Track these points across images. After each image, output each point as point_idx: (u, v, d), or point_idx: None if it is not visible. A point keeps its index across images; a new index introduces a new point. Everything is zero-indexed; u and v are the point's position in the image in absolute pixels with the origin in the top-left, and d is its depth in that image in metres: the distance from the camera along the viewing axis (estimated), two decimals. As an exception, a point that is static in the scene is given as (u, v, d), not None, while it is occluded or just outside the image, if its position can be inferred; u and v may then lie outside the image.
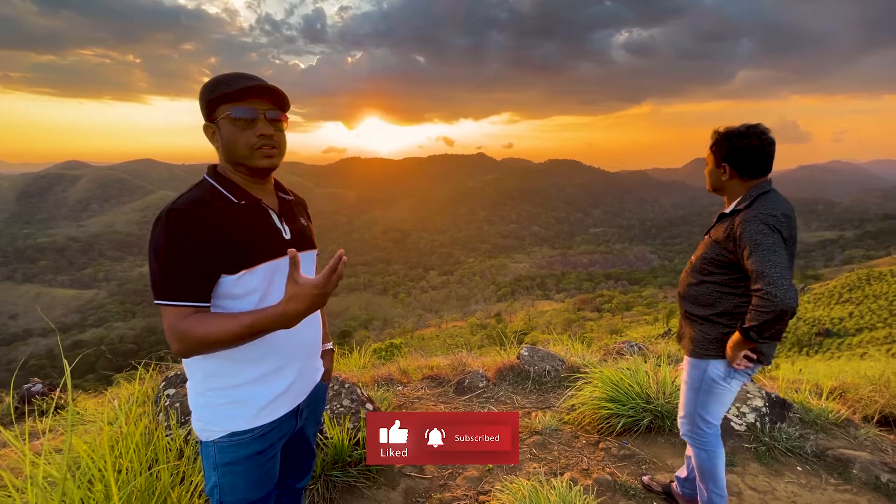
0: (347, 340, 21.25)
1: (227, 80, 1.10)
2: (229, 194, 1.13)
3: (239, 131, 1.09)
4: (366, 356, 4.80)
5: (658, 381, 2.96)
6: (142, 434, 1.68)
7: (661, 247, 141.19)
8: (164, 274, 1.02)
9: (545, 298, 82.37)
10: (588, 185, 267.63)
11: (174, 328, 1.00)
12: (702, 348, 1.73)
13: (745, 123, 1.62)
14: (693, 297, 1.77)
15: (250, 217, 1.14)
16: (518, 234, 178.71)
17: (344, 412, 2.39)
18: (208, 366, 1.14)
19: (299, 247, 1.23)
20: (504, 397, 3.53)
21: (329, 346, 1.53)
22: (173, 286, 1.02)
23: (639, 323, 50.25)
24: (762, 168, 1.62)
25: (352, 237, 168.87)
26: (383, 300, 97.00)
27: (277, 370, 1.19)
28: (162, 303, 1.02)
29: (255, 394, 1.16)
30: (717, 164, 1.70)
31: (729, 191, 1.70)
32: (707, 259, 1.70)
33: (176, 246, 1.01)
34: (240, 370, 1.14)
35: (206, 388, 1.15)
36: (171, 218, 1.03)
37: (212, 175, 1.15)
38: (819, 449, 2.59)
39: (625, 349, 4.87)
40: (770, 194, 1.61)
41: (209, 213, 1.06)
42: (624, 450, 2.62)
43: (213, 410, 1.15)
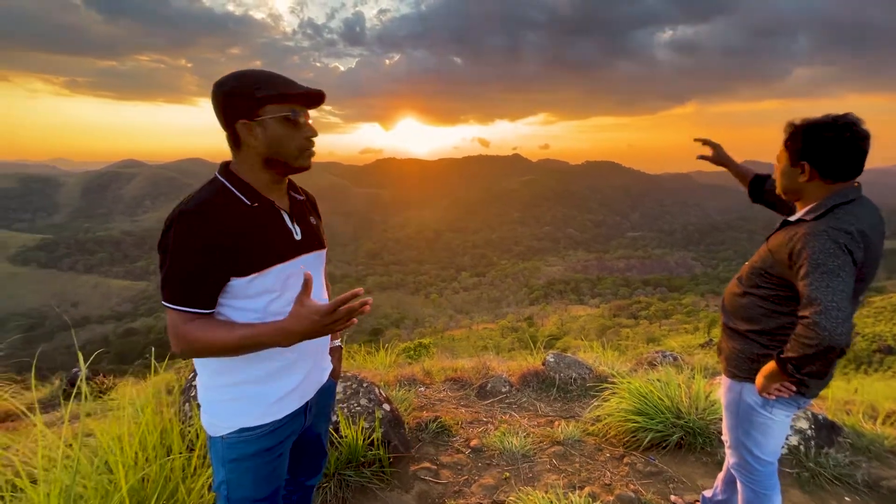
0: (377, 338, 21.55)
1: (274, 79, 1.09)
2: (242, 196, 1.12)
3: (291, 132, 1.11)
4: (392, 355, 4.81)
5: (691, 395, 2.80)
6: (162, 424, 1.72)
7: (703, 253, 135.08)
8: (171, 277, 1.03)
9: (579, 303, 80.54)
10: (627, 187, 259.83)
11: (175, 331, 1.03)
12: (735, 367, 1.56)
13: (830, 114, 1.36)
14: (734, 309, 1.59)
15: (262, 219, 1.13)
16: (552, 237, 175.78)
17: (360, 411, 2.39)
18: (217, 362, 1.15)
19: (308, 247, 1.24)
20: (527, 404, 3.44)
21: (337, 343, 1.52)
22: (178, 291, 1.03)
23: (678, 332, 48.19)
24: (852, 168, 1.34)
25: (386, 236, 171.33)
26: (415, 300, 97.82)
27: (286, 367, 1.19)
28: (165, 304, 1.04)
29: (264, 391, 1.17)
30: (793, 163, 1.42)
31: (806, 195, 1.43)
32: (757, 270, 1.49)
33: (185, 250, 1.02)
34: (248, 367, 1.15)
35: (215, 384, 1.16)
36: (183, 221, 1.03)
37: (225, 174, 1.14)
38: (872, 478, 2.36)
39: (658, 359, 4.66)
40: (852, 205, 1.34)
41: (221, 215, 1.06)
42: (650, 466, 2.49)
43: (222, 406, 1.16)
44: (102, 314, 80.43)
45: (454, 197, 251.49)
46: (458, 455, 2.59)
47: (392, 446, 2.34)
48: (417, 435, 2.76)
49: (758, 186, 1.88)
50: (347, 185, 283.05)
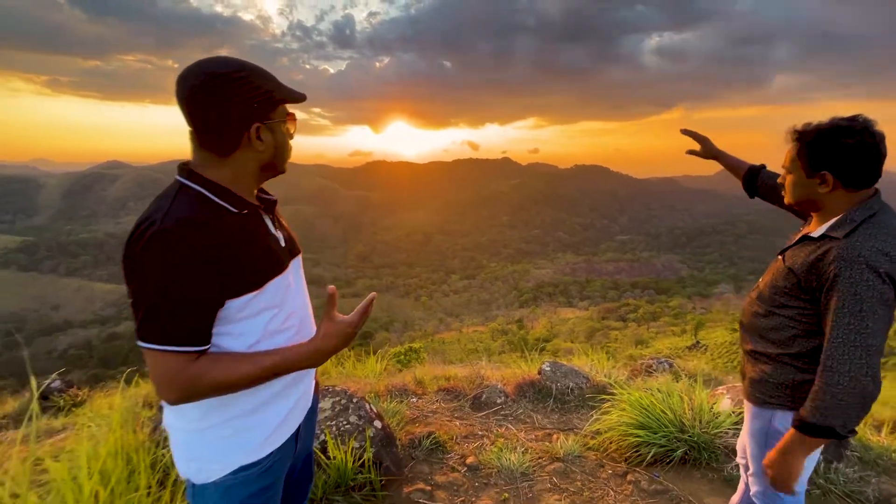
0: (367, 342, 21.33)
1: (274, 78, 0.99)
2: (226, 204, 0.95)
3: (289, 137, 1.05)
4: (382, 362, 4.66)
5: (693, 407, 2.70)
6: (131, 448, 1.56)
7: (690, 256, 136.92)
8: (159, 312, 0.85)
9: (568, 306, 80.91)
10: (615, 191, 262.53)
11: (178, 376, 0.86)
12: (764, 394, 1.42)
13: (839, 116, 1.24)
14: (759, 332, 1.43)
15: (251, 229, 0.98)
16: (542, 240, 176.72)
17: (350, 430, 2.24)
18: (211, 400, 0.97)
19: (293, 252, 1.12)
20: (523, 416, 3.32)
21: None
22: (174, 327, 0.86)
23: (665, 334, 48.64)
24: (875, 174, 1.23)
25: (375, 239, 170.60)
26: (405, 302, 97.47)
27: (282, 392, 1.07)
28: (155, 347, 0.85)
29: (262, 419, 1.04)
30: (809, 173, 1.28)
31: (828, 207, 1.30)
32: (779, 289, 1.36)
33: (173, 275, 0.84)
34: (245, 397, 1.00)
35: (205, 426, 1.00)
36: (163, 241, 0.84)
37: (198, 181, 0.94)
38: (882, 494, 2.28)
39: (654, 366, 4.58)
40: (879, 217, 1.21)
41: (207, 228, 0.89)
42: (655, 483, 2.38)
43: (216, 445, 1.00)
44: (85, 318, 78.60)
45: (444, 200, 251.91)
46: (454, 474, 2.45)
47: (384, 467, 2.19)
48: (410, 452, 2.62)
49: (753, 180, 1.77)
50: (337, 187, 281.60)
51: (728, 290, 79.97)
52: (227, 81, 0.90)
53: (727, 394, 3.03)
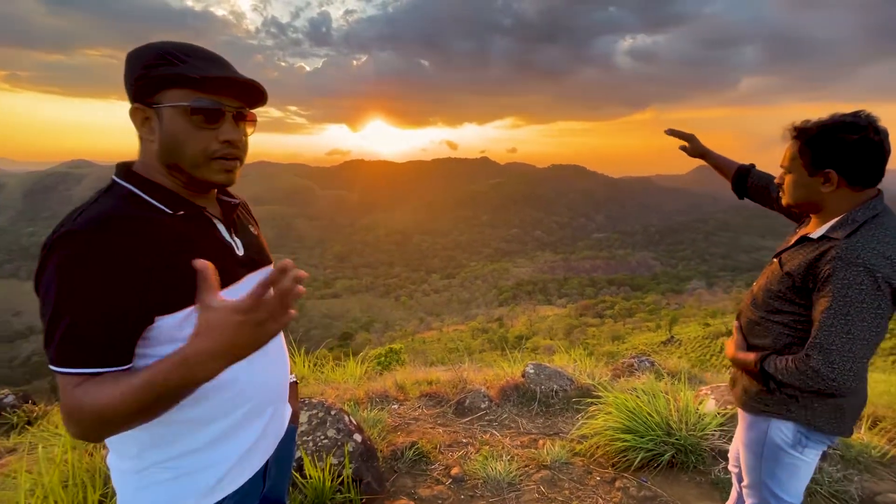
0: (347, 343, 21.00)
1: (183, 53, 0.80)
2: (159, 203, 0.83)
3: (194, 130, 0.81)
4: (362, 366, 4.52)
5: (679, 409, 2.67)
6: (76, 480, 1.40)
7: (663, 253, 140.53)
8: (56, 328, 0.71)
9: (547, 303, 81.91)
10: (591, 190, 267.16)
11: (64, 403, 0.71)
12: (760, 402, 1.36)
13: (840, 113, 1.18)
14: (753, 338, 1.39)
15: (192, 233, 0.84)
16: (520, 239, 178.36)
17: (328, 445, 2.11)
18: (146, 435, 0.83)
19: (254, 263, 0.96)
20: (508, 420, 3.24)
21: (293, 380, 1.25)
22: (69, 346, 0.71)
23: (641, 330, 49.83)
24: (879, 172, 1.18)
25: (354, 239, 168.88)
26: (385, 303, 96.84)
27: (240, 425, 0.90)
28: (57, 370, 0.72)
29: (213, 458, 0.87)
30: (811, 172, 1.23)
31: (829, 206, 1.24)
32: (774, 293, 1.31)
33: (78, 287, 0.71)
34: (188, 435, 0.85)
35: (144, 466, 0.85)
36: (73, 245, 0.71)
37: (129, 178, 0.83)
38: (866, 493, 2.29)
39: (635, 364, 4.58)
40: (882, 219, 1.17)
41: (132, 231, 0.76)
42: (644, 489, 2.33)
43: (157, 490, 0.85)
44: (48, 324, 75.18)
45: (423, 199, 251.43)
46: (439, 487, 2.35)
47: (365, 484, 2.07)
48: (392, 465, 2.50)
49: (743, 180, 1.71)
50: (314, 187, 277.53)
51: (700, 286, 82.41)
52: (128, 60, 0.81)
53: (711, 394, 3.02)
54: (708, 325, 40.42)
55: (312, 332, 59.58)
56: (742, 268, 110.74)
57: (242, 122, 0.87)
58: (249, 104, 0.88)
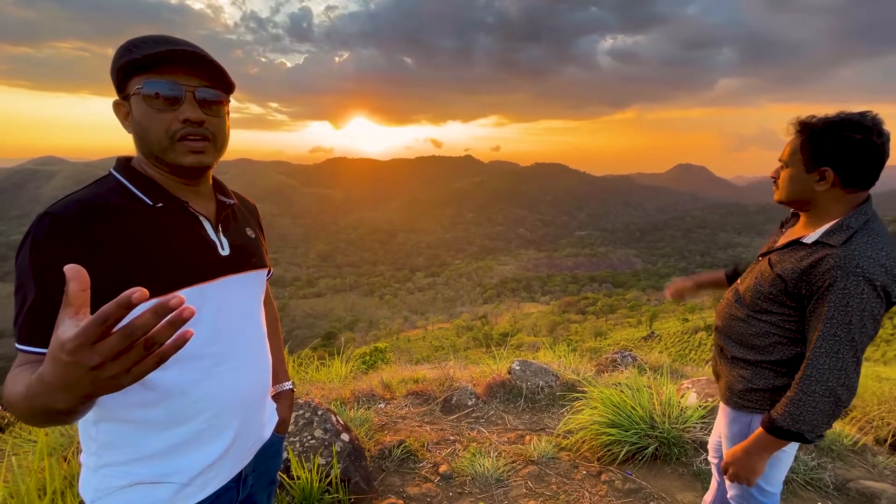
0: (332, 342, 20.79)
1: (143, 41, 0.81)
2: (142, 194, 0.83)
3: (155, 113, 0.80)
4: (348, 365, 4.48)
5: (662, 403, 2.73)
6: (61, 482, 1.36)
7: (644, 250, 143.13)
8: (22, 306, 0.72)
9: (531, 300, 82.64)
10: (574, 188, 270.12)
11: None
12: (743, 398, 1.39)
13: (846, 112, 1.16)
14: (738, 336, 1.39)
15: (169, 225, 0.84)
16: (504, 237, 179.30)
17: (316, 445, 2.09)
18: (102, 434, 0.82)
19: (239, 266, 0.94)
20: (495, 417, 3.26)
21: (287, 387, 1.23)
22: (28, 323, 0.71)
23: (622, 325, 50.64)
24: (875, 176, 1.18)
25: (338, 237, 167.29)
26: (369, 301, 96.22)
27: (203, 434, 0.87)
28: (19, 348, 0.72)
29: (171, 468, 0.84)
30: (809, 168, 1.21)
31: (821, 206, 1.24)
32: (763, 294, 1.30)
33: (45, 266, 0.71)
34: (143, 439, 0.82)
35: (99, 465, 0.83)
36: (45, 226, 0.73)
37: (120, 170, 0.86)
38: (839, 480, 2.38)
39: (618, 360, 4.66)
40: (873, 225, 1.17)
41: (103, 219, 0.77)
42: (629, 482, 2.38)
43: (110, 497, 0.82)
44: (17, 327, 72.39)
45: (407, 197, 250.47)
46: (427, 484, 2.35)
47: (353, 484, 2.06)
48: (380, 464, 2.49)
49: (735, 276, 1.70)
50: (296, 185, 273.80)
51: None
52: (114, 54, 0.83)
53: (692, 388, 3.09)
54: (687, 321, 41.31)
55: (296, 331, 58.82)
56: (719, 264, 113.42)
57: (210, 103, 0.84)
58: (214, 82, 0.85)
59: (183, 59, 0.80)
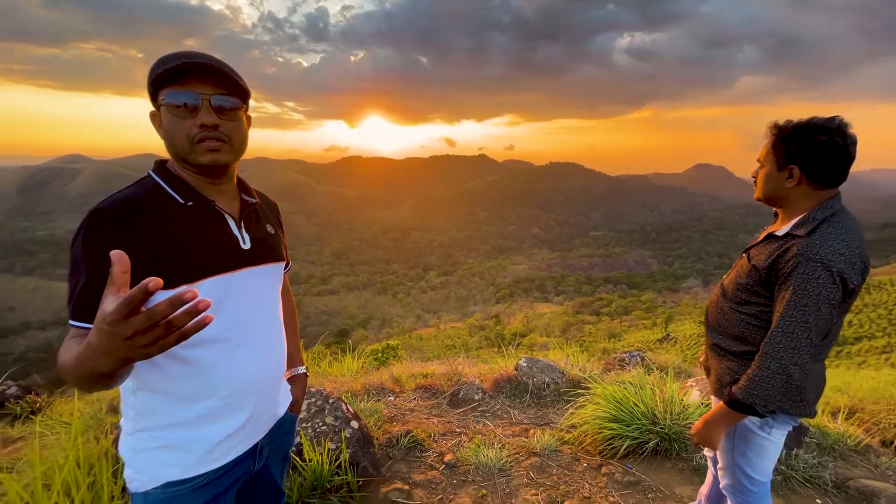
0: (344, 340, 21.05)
1: (168, 58, 0.91)
2: (174, 193, 0.95)
3: (178, 120, 0.92)
4: (359, 361, 4.61)
5: (665, 400, 2.77)
6: (88, 461, 1.49)
7: (660, 251, 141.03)
8: (74, 288, 0.84)
9: (544, 301, 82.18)
10: (588, 188, 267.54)
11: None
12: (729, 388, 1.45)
13: (818, 116, 1.28)
14: (723, 329, 1.48)
15: (198, 221, 0.95)
16: (518, 236, 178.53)
17: (326, 431, 2.20)
18: (140, 402, 0.94)
19: (258, 258, 1.05)
20: (500, 411, 3.35)
21: (301, 371, 1.34)
22: (79, 303, 0.83)
23: (637, 328, 50.04)
24: (840, 175, 1.28)
25: (352, 236, 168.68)
26: (382, 299, 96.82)
27: (226, 407, 0.99)
28: (70, 324, 0.84)
29: (196, 436, 0.96)
30: (780, 167, 1.33)
31: (791, 202, 1.35)
32: (742, 286, 1.40)
33: (93, 254, 0.84)
34: (174, 408, 0.95)
35: (136, 429, 0.96)
36: (95, 219, 0.85)
37: (157, 171, 0.98)
38: (839, 479, 2.40)
39: (626, 359, 4.69)
40: (839, 218, 1.27)
41: (142, 215, 0.89)
42: (629, 475, 2.44)
43: (145, 456, 0.95)
44: (45, 319, 74.81)
45: (421, 196, 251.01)
46: (432, 472, 2.45)
47: (361, 468, 2.17)
48: (388, 452, 2.60)
49: None
50: (311, 183, 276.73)
51: (696, 284, 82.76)
52: None
53: (696, 386, 3.13)
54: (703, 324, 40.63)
55: (310, 328, 59.56)
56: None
57: (224, 109, 0.94)
58: (229, 90, 0.95)
59: (199, 70, 0.91)
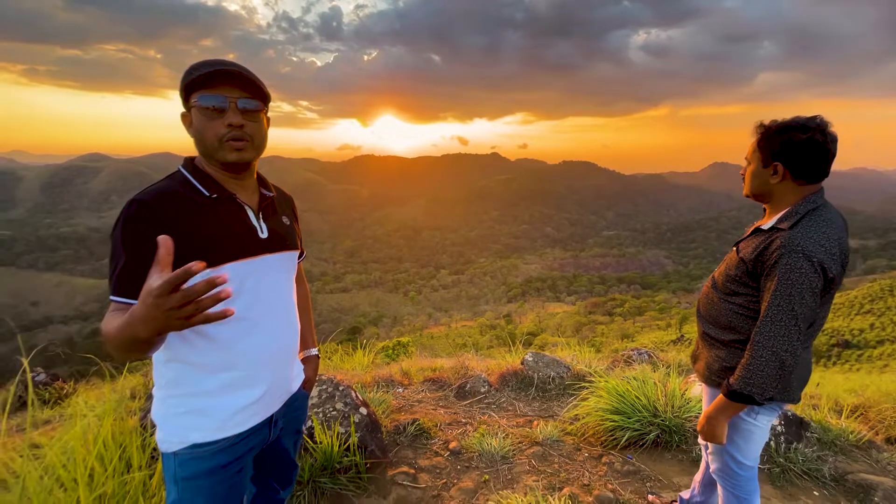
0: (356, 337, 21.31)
1: (199, 64, 1.03)
2: (201, 187, 1.06)
3: (207, 121, 1.04)
4: (370, 355, 4.73)
5: (667, 394, 2.83)
6: (120, 435, 1.62)
7: (675, 251, 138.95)
8: (115, 268, 0.96)
9: (556, 301, 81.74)
10: (602, 187, 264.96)
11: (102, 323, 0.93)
12: (718, 376, 1.53)
13: (801, 116, 1.36)
14: (713, 318, 1.55)
15: (221, 212, 1.07)
16: (530, 235, 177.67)
17: (336, 416, 2.32)
18: (169, 371, 1.07)
19: (275, 247, 1.16)
20: (506, 404, 3.43)
21: (314, 352, 1.45)
22: (120, 281, 0.95)
23: (651, 328, 49.45)
24: (822, 171, 1.35)
25: (364, 233, 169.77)
26: (394, 297, 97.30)
27: (244, 379, 1.11)
28: (111, 298, 0.96)
29: (218, 404, 1.09)
30: (765, 164, 1.41)
31: (777, 197, 1.43)
32: (731, 277, 1.47)
33: (132, 240, 0.95)
34: (200, 378, 1.07)
35: (166, 395, 1.08)
36: (134, 209, 0.97)
37: (187, 166, 1.10)
38: (838, 472, 2.43)
39: (634, 357, 4.73)
40: (821, 211, 1.34)
41: (174, 206, 1.00)
42: (628, 465, 2.50)
43: (173, 420, 1.08)
44: (66, 314, 76.92)
45: (433, 195, 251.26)
46: (437, 458, 2.55)
47: (369, 451, 2.28)
48: (395, 438, 2.71)
49: None
50: (325, 182, 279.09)
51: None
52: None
53: (698, 381, 3.17)
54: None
55: (322, 325, 60.19)
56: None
57: (249, 111, 1.06)
58: (253, 93, 1.06)
59: (227, 76, 1.03)
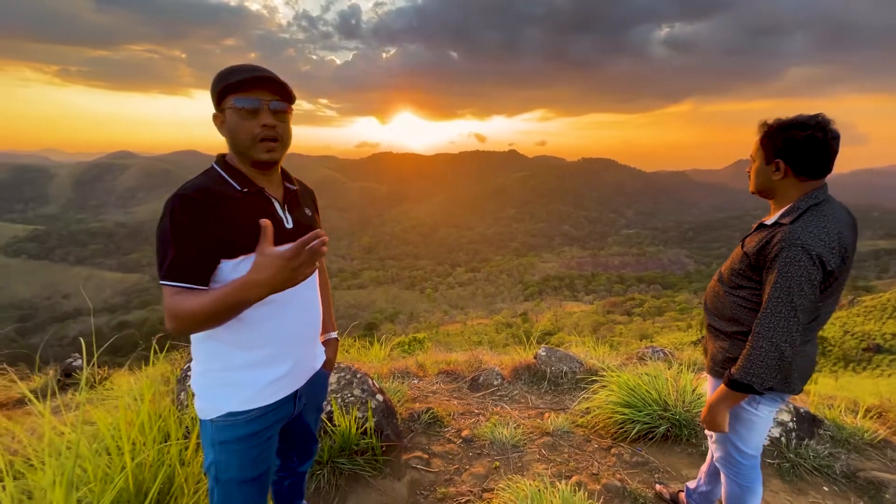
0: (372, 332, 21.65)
1: (234, 70, 1.13)
2: (234, 182, 1.17)
3: (242, 121, 1.13)
4: (387, 348, 4.85)
5: (678, 389, 2.86)
6: (158, 412, 1.76)
7: (697, 251, 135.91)
8: (166, 256, 1.06)
9: (573, 300, 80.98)
10: (622, 184, 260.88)
11: (167, 306, 1.05)
12: (722, 367, 1.58)
13: (802, 114, 1.39)
14: (718, 311, 1.61)
15: (252, 205, 1.18)
16: (547, 233, 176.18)
17: (354, 401, 2.43)
18: (207, 348, 1.19)
19: (299, 235, 1.26)
20: (518, 396, 3.50)
21: (333, 336, 1.56)
22: (172, 267, 1.06)
23: (670, 329, 48.58)
24: (823, 167, 1.38)
25: (382, 230, 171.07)
26: (410, 294, 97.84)
27: (272, 356, 1.23)
28: (163, 283, 1.07)
29: (250, 378, 1.21)
30: (767, 161, 1.45)
31: (780, 193, 1.47)
32: (736, 271, 1.52)
33: (180, 230, 1.06)
34: (233, 354, 1.19)
35: (205, 369, 1.21)
36: (178, 203, 1.08)
37: (219, 163, 1.21)
38: (850, 469, 2.44)
39: (648, 354, 4.73)
40: (823, 207, 1.38)
41: (213, 200, 1.11)
42: (637, 456, 2.55)
43: (211, 391, 1.20)
44: (95, 306, 79.73)
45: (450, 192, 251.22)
46: (450, 445, 2.64)
47: (384, 436, 2.39)
48: (410, 425, 2.81)
49: None
50: (343, 179, 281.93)
51: (735, 286, 79.03)
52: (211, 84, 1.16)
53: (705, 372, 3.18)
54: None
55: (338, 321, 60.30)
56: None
57: (280, 112, 1.17)
58: (283, 96, 1.17)
59: (261, 81, 1.13)
